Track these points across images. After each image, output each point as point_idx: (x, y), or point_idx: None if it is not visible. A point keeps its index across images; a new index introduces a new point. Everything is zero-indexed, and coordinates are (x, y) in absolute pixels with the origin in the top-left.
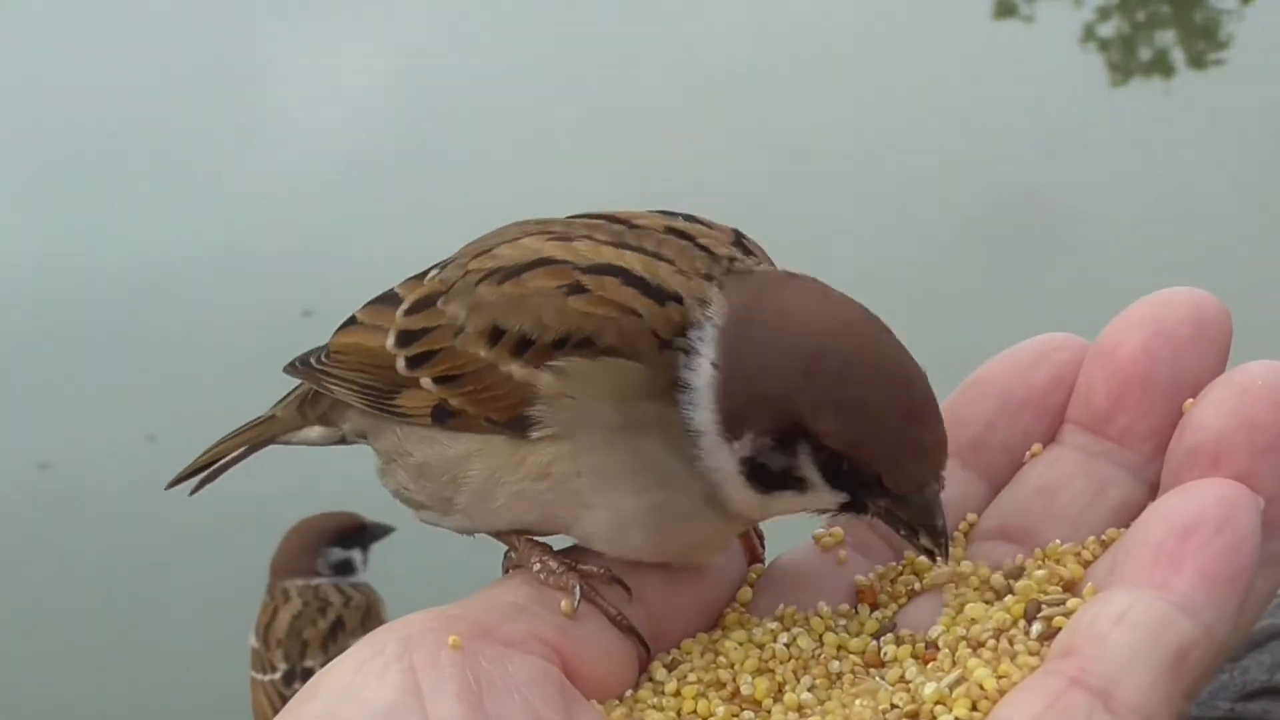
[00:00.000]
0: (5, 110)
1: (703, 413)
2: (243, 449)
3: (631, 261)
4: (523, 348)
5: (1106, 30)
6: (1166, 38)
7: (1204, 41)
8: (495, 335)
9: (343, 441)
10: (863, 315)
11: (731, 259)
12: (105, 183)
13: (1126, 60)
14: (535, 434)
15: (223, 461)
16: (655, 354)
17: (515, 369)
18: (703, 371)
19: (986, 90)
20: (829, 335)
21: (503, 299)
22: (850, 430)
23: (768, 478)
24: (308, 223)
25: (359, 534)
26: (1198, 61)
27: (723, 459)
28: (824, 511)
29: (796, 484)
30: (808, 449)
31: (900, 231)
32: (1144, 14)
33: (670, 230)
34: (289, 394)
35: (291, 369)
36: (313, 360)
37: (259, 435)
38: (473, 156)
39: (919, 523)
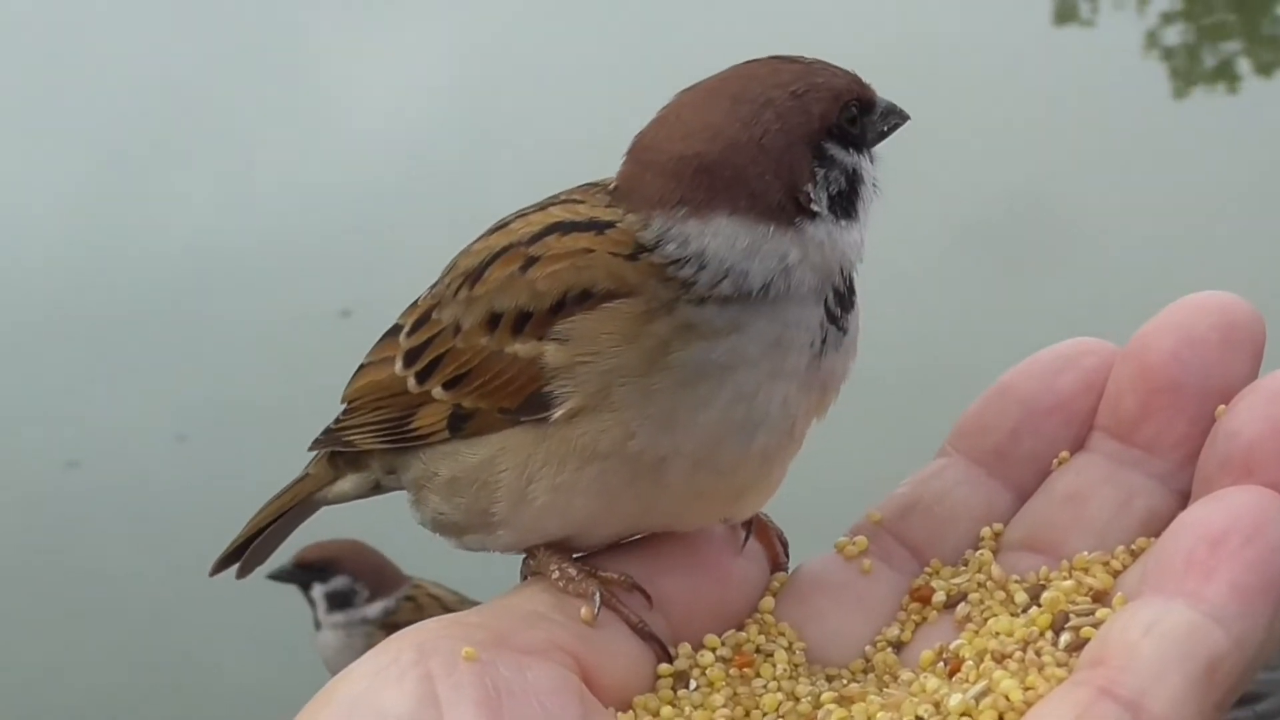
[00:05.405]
0: (42, 106)
1: (758, 246)
2: (282, 515)
3: (558, 214)
4: (521, 323)
5: (1170, 37)
6: (1232, 46)
7: (1271, 51)
8: (494, 320)
9: (377, 488)
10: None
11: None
12: (139, 180)
13: (1191, 68)
14: (557, 413)
15: (265, 534)
16: (631, 269)
17: (519, 348)
18: (718, 229)
19: (1045, 98)
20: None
21: (487, 290)
22: (811, 103)
23: (846, 196)
24: (348, 221)
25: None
26: (1265, 70)
27: (802, 233)
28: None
29: (858, 180)
30: (823, 147)
31: (946, 236)
32: (1209, 20)
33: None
34: (319, 453)
35: (315, 444)
36: (330, 425)
37: (295, 497)
38: (519, 155)
39: (893, 111)
